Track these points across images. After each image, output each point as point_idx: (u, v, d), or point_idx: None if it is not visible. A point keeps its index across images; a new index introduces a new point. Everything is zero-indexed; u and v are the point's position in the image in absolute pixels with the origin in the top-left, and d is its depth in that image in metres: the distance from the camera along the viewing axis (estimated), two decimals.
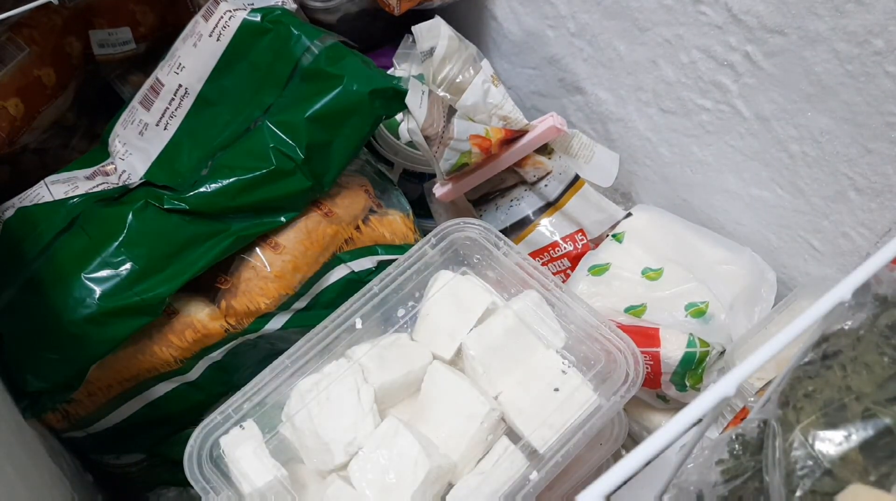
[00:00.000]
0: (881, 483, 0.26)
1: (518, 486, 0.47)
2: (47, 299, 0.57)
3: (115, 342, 0.57)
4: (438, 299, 0.57)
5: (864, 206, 0.57)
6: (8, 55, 0.69)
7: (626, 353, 0.52)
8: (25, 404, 0.58)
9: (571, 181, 0.71)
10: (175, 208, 0.59)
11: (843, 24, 0.51)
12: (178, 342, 0.60)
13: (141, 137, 0.67)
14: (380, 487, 0.48)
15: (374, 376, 0.53)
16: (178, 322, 0.60)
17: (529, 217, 0.73)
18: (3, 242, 0.62)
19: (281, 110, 0.62)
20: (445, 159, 0.66)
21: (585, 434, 0.48)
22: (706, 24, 0.61)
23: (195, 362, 0.61)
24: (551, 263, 0.72)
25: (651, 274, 0.64)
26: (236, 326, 0.61)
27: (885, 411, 0.28)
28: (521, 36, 0.84)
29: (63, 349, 0.57)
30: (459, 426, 0.50)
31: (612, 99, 0.75)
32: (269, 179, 0.60)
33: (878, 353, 0.30)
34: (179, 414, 0.63)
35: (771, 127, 0.60)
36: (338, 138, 0.62)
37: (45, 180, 0.66)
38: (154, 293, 0.57)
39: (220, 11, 0.64)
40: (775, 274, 0.66)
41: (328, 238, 0.63)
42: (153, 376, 0.61)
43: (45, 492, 0.52)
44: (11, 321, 0.59)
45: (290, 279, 0.62)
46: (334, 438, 0.50)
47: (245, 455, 0.50)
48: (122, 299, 0.56)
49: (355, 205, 0.66)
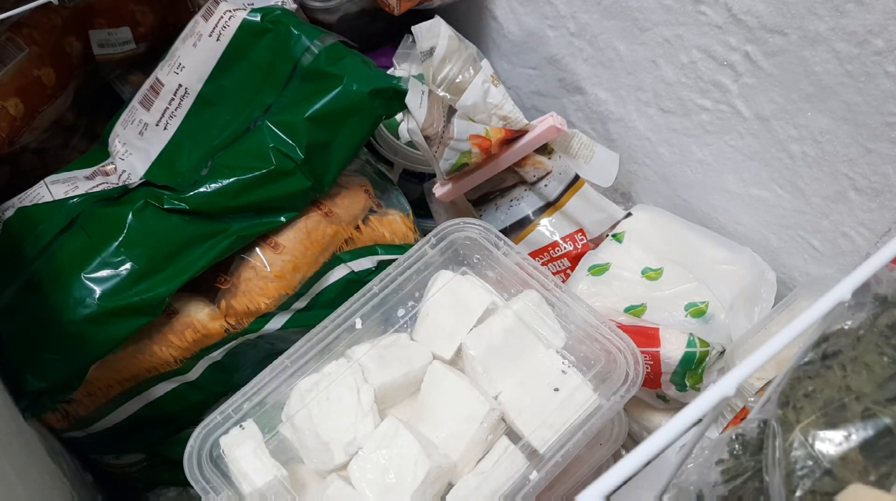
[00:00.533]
0: (881, 483, 0.26)
1: (518, 486, 0.47)
2: (47, 299, 0.57)
3: (115, 342, 0.57)
4: (438, 299, 0.57)
5: (864, 206, 0.57)
6: (8, 55, 0.69)
7: (626, 353, 0.52)
8: (25, 404, 0.58)
9: (571, 181, 0.71)
10: (175, 208, 0.59)
11: (843, 24, 0.51)
12: (178, 342, 0.60)
13: (141, 137, 0.67)
14: (380, 487, 0.48)
15: (374, 376, 0.53)
16: (178, 322, 0.60)
17: (529, 217, 0.73)
18: (2, 242, 0.62)
19: (281, 110, 0.62)
20: (445, 159, 0.66)
21: (585, 434, 0.48)
22: (706, 24, 0.61)
23: (195, 362, 0.61)
24: (551, 263, 0.72)
25: (651, 274, 0.64)
26: (236, 326, 0.61)
27: (885, 411, 0.28)
28: (521, 36, 0.83)
29: (63, 349, 0.57)
30: (459, 426, 0.50)
31: (612, 99, 0.75)
32: (269, 179, 0.60)
33: (878, 353, 0.30)
34: (179, 414, 0.63)
35: (771, 127, 0.60)
36: (338, 138, 0.62)
37: (45, 180, 0.66)
38: (154, 293, 0.57)
39: (220, 11, 0.64)
40: (775, 274, 0.66)
41: (328, 238, 0.63)
42: (153, 376, 0.61)
43: (45, 492, 0.52)
44: (11, 320, 0.59)
45: (290, 279, 0.62)
46: (334, 438, 0.50)
47: (245, 455, 0.50)
48: (121, 299, 0.56)
49: (355, 205, 0.66)
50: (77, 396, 0.59)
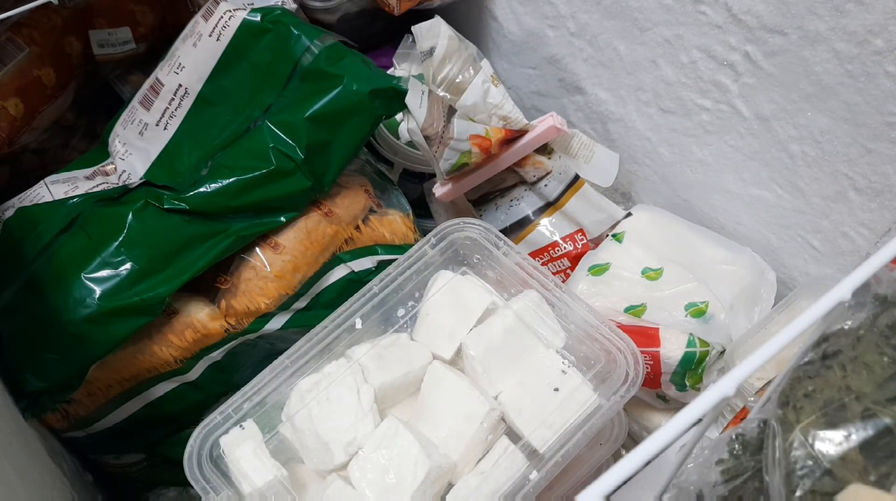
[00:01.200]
0: (881, 483, 0.26)
1: (518, 486, 0.47)
2: (47, 299, 0.57)
3: (115, 342, 0.57)
4: (438, 299, 0.57)
5: (864, 206, 0.57)
6: (8, 55, 0.69)
7: (626, 353, 0.52)
8: (25, 404, 0.58)
9: (571, 181, 0.71)
10: (175, 208, 0.59)
11: (843, 23, 0.51)
12: (178, 342, 0.60)
13: (141, 137, 0.67)
14: (380, 487, 0.48)
15: (373, 376, 0.53)
16: (178, 322, 0.60)
17: (529, 217, 0.73)
18: (2, 242, 0.62)
19: (281, 110, 0.62)
20: (445, 159, 0.66)
21: (585, 434, 0.48)
22: (706, 23, 0.61)
23: (195, 362, 0.61)
24: (551, 263, 0.72)
25: (651, 274, 0.64)
26: (236, 326, 0.61)
27: (885, 411, 0.28)
28: (521, 36, 0.83)
29: (63, 349, 0.57)
30: (459, 426, 0.50)
31: (612, 99, 0.75)
32: (269, 179, 0.60)
33: (878, 353, 0.30)
34: (179, 414, 0.63)
35: (771, 127, 0.60)
36: (338, 138, 0.62)
37: (45, 180, 0.66)
38: (154, 293, 0.57)
39: (220, 11, 0.64)
40: (775, 274, 0.66)
41: (328, 238, 0.63)
42: (153, 376, 0.61)
43: (44, 492, 0.52)
44: (11, 320, 0.59)
45: (290, 279, 0.62)
46: (334, 438, 0.50)
47: (245, 455, 0.50)
48: (121, 300, 0.56)
49: (355, 205, 0.66)
50: (77, 396, 0.59)
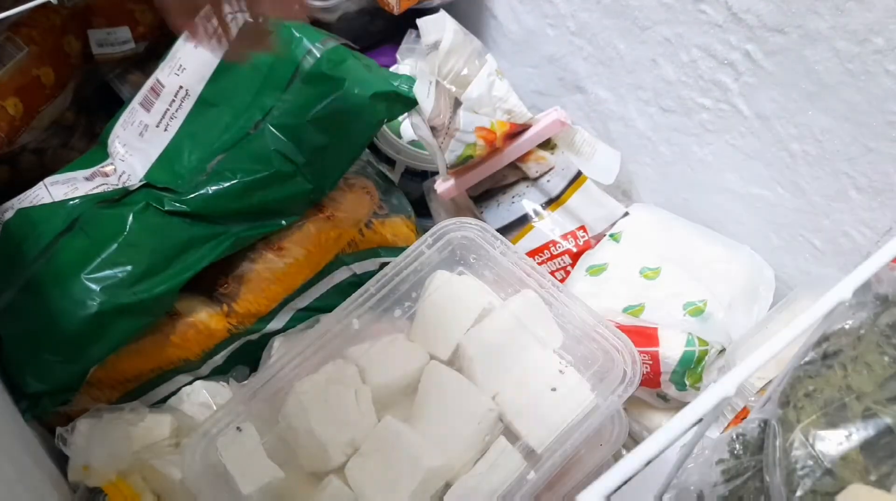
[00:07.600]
0: (881, 482, 0.26)
1: (516, 486, 0.47)
2: (47, 300, 0.57)
3: (116, 343, 0.57)
4: (435, 299, 0.56)
5: (865, 205, 0.56)
6: (7, 55, 0.68)
7: (624, 352, 0.52)
8: (26, 405, 0.58)
9: (574, 177, 0.71)
10: (175, 210, 0.59)
11: (844, 22, 0.51)
12: (181, 343, 0.60)
13: (141, 139, 0.66)
14: (377, 488, 0.48)
15: (371, 376, 0.53)
16: (181, 323, 0.60)
17: (531, 214, 0.72)
18: (3, 243, 0.62)
19: (282, 113, 0.62)
20: (451, 151, 0.66)
21: (583, 434, 0.48)
22: (706, 22, 0.61)
23: (201, 363, 0.61)
24: (552, 260, 0.72)
25: (649, 273, 0.64)
26: (238, 326, 0.61)
27: (886, 410, 0.28)
28: (521, 34, 0.83)
29: (63, 351, 0.56)
30: (457, 426, 0.50)
31: (612, 98, 0.75)
32: (270, 182, 0.60)
33: (879, 352, 0.30)
34: None
35: (771, 126, 0.60)
36: (339, 142, 0.62)
37: (45, 181, 0.66)
38: (154, 294, 0.57)
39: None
40: (773, 272, 0.65)
41: (330, 241, 0.63)
42: (156, 376, 0.60)
43: (45, 493, 0.51)
44: (11, 322, 0.58)
45: (292, 281, 0.62)
46: (332, 438, 0.50)
47: (242, 457, 0.50)
48: (122, 301, 0.56)
49: (358, 208, 0.66)
50: (78, 397, 0.59)
